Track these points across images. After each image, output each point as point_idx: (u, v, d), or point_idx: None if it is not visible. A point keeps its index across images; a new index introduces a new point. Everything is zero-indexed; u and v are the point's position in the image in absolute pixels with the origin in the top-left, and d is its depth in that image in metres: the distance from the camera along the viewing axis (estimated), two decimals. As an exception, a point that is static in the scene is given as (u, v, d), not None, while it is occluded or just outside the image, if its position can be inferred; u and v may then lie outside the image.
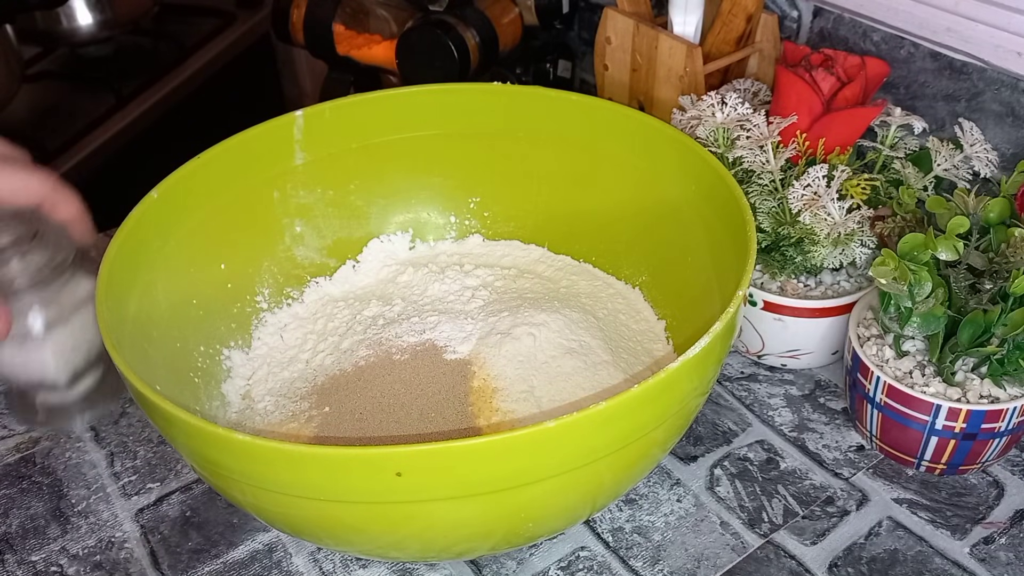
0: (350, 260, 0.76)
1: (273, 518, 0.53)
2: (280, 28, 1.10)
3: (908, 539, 0.61)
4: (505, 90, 0.73)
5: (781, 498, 0.64)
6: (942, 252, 0.58)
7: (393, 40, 1.02)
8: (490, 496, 0.49)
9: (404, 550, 0.56)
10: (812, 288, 0.69)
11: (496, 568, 0.60)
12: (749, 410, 0.70)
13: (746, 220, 0.57)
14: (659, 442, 0.54)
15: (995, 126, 0.74)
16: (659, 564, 0.60)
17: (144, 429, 0.71)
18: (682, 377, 0.50)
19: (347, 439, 0.60)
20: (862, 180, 0.65)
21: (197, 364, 0.65)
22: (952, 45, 0.75)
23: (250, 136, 0.69)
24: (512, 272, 0.74)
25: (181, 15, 1.56)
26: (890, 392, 0.61)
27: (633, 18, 0.81)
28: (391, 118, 0.74)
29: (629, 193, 0.71)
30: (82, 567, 0.62)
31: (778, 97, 0.68)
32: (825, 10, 0.82)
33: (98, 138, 1.29)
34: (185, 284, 0.66)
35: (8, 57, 1.26)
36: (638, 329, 0.69)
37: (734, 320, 0.53)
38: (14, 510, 0.65)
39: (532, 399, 0.61)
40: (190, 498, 0.66)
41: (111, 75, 1.41)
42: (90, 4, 1.38)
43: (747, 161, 0.66)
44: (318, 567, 0.61)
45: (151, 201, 0.63)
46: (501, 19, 1.00)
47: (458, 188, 0.77)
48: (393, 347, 0.66)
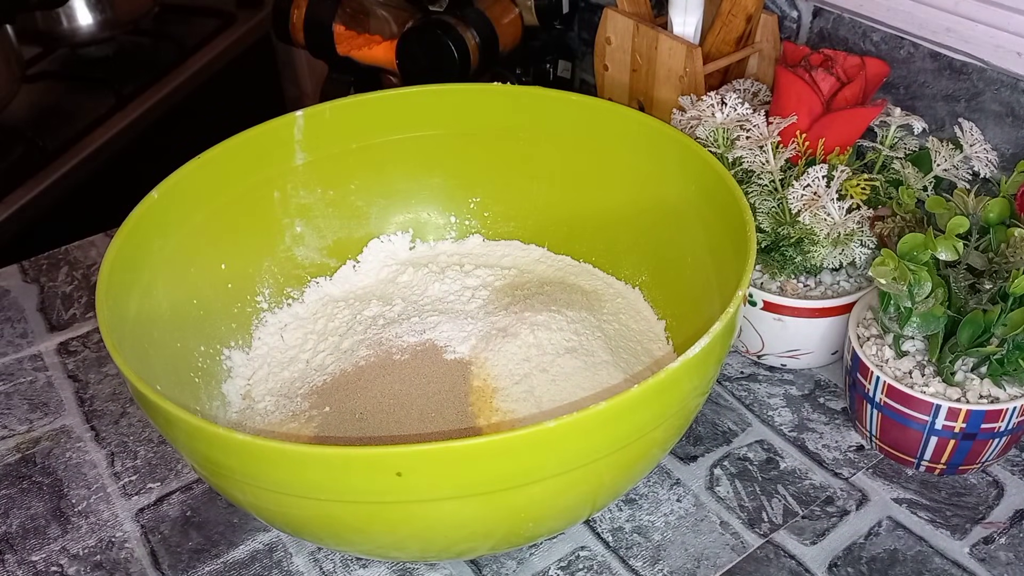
0: (350, 260, 0.76)
1: (273, 518, 0.53)
2: (280, 28, 1.10)
3: (908, 539, 0.61)
4: (505, 90, 0.73)
5: (781, 498, 0.64)
6: (942, 252, 0.58)
7: (393, 40, 1.02)
8: (490, 496, 0.49)
9: (404, 550, 0.56)
10: (812, 288, 0.70)
11: (496, 568, 0.60)
12: (749, 410, 0.70)
13: (746, 220, 0.57)
14: (659, 442, 0.54)
15: (995, 126, 0.74)
16: (659, 564, 0.60)
17: (144, 429, 0.71)
18: (682, 377, 0.50)
19: (347, 439, 0.60)
20: (862, 180, 0.65)
21: (197, 364, 0.65)
22: (952, 45, 0.75)
23: (250, 136, 0.69)
24: (512, 272, 0.74)
25: (181, 15, 1.56)
26: (890, 392, 0.61)
27: (633, 18, 0.81)
28: (391, 118, 0.74)
29: (629, 193, 0.71)
30: (82, 567, 0.62)
31: (778, 97, 0.68)
32: (825, 10, 0.82)
33: (98, 138, 1.29)
34: (185, 284, 0.66)
35: (8, 57, 1.26)
36: (638, 329, 0.69)
37: (734, 320, 0.53)
38: (14, 510, 0.65)
39: (532, 399, 0.61)
40: (190, 498, 0.66)
41: (111, 75, 1.41)
42: (90, 4, 1.38)
43: (747, 161, 0.66)
44: (318, 567, 0.61)
45: (151, 201, 0.63)
46: (501, 19, 1.00)
47: (458, 188, 0.77)
48: (393, 347, 0.66)
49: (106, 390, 0.74)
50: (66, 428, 0.71)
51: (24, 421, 0.72)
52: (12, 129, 1.30)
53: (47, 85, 1.41)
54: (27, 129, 1.30)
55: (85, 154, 1.27)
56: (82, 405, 0.73)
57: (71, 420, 0.72)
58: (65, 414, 0.72)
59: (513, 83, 0.85)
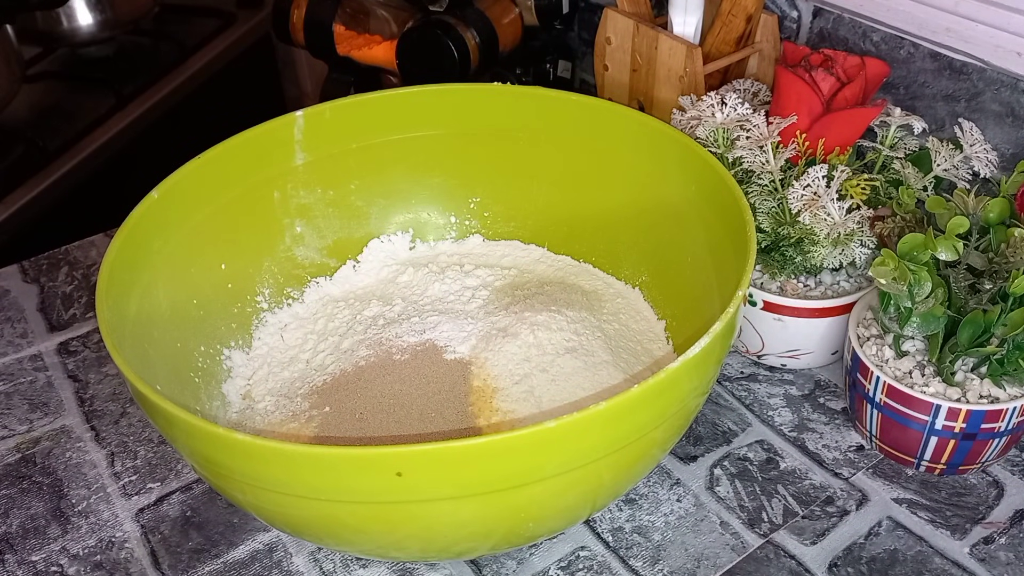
0: (350, 260, 0.76)
1: (273, 518, 0.53)
2: (280, 28, 1.10)
3: (908, 539, 0.61)
4: (505, 90, 0.73)
5: (781, 498, 0.64)
6: (942, 252, 0.58)
7: (393, 40, 1.02)
8: (490, 496, 0.49)
9: (404, 550, 0.56)
10: (812, 288, 0.70)
11: (496, 568, 0.60)
12: (749, 410, 0.70)
13: (746, 220, 0.57)
14: (659, 442, 0.54)
15: (995, 126, 0.74)
16: (659, 564, 0.60)
17: (144, 429, 0.71)
18: (682, 377, 0.50)
19: (347, 439, 0.60)
20: (862, 180, 0.65)
21: (197, 364, 0.65)
22: (952, 45, 0.75)
23: (250, 136, 0.69)
24: (512, 272, 0.74)
25: (181, 15, 1.56)
26: (890, 392, 0.61)
27: (633, 18, 0.81)
28: (391, 118, 0.74)
29: (629, 193, 0.71)
30: (82, 567, 0.62)
31: (778, 97, 0.68)
32: (825, 10, 0.82)
33: (98, 138, 1.29)
34: (185, 284, 0.66)
35: (8, 57, 1.26)
36: (638, 329, 0.69)
37: (734, 320, 0.53)
38: (14, 510, 0.65)
39: (532, 399, 0.61)
40: (190, 498, 0.66)
41: (111, 75, 1.41)
42: (90, 4, 1.38)
43: (747, 161, 0.66)
44: (318, 567, 0.61)
45: (151, 201, 0.63)
46: (501, 19, 1.00)
47: (458, 188, 0.77)
48: (393, 347, 0.66)
49: (106, 390, 0.74)
50: (66, 428, 0.71)
51: (24, 421, 0.72)
52: (12, 129, 1.29)
53: (47, 85, 1.41)
54: (27, 129, 1.30)
55: (85, 154, 1.27)
56: (82, 405, 0.73)
57: (71, 420, 0.72)
58: (65, 414, 0.72)
59: (513, 83, 0.85)
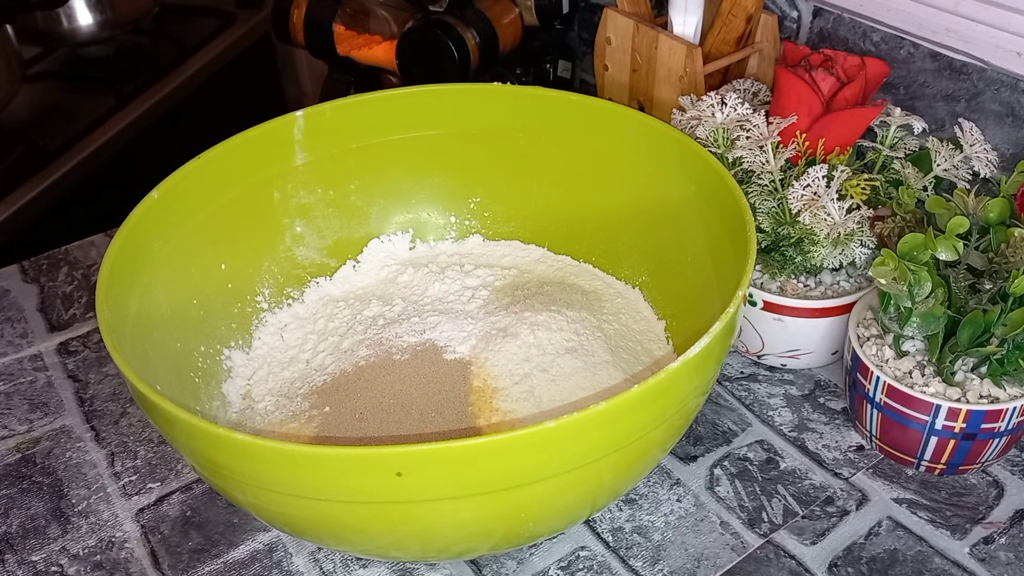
0: (350, 260, 0.76)
1: (273, 518, 0.53)
2: (280, 28, 1.10)
3: (908, 539, 0.61)
4: (505, 90, 0.73)
5: (781, 498, 0.64)
6: (942, 252, 0.58)
7: (393, 40, 1.02)
8: (490, 496, 0.49)
9: (404, 550, 0.56)
10: (812, 288, 0.70)
11: (496, 568, 0.60)
12: (749, 410, 0.70)
13: (746, 220, 0.57)
14: (659, 442, 0.54)
15: (995, 126, 0.74)
16: (659, 564, 0.60)
17: (144, 429, 0.71)
18: (682, 377, 0.50)
19: (347, 439, 0.60)
20: (862, 180, 0.65)
21: (197, 364, 0.65)
22: (952, 45, 0.75)
23: (250, 136, 0.69)
24: (512, 272, 0.74)
25: (181, 15, 1.56)
26: (890, 392, 0.61)
27: (633, 18, 0.81)
28: (391, 118, 0.74)
29: (629, 193, 0.71)
30: (82, 567, 0.62)
31: (778, 97, 0.68)
32: (825, 10, 0.82)
33: (98, 138, 1.29)
34: (185, 284, 0.66)
35: (8, 57, 1.26)
36: (638, 329, 0.69)
37: (734, 320, 0.53)
38: (14, 510, 0.65)
39: (532, 399, 0.61)
40: (190, 498, 0.66)
41: (111, 75, 1.41)
42: (90, 4, 1.38)
43: (747, 161, 0.66)
44: (318, 567, 0.61)
45: (151, 201, 0.63)
46: (501, 19, 1.00)
47: (458, 188, 0.77)
48: (393, 347, 0.66)
49: (106, 390, 0.74)
50: (66, 428, 0.71)
51: (24, 421, 0.72)
52: (12, 129, 1.29)
53: (47, 85, 1.41)
54: (27, 129, 1.30)
55: (85, 154, 1.27)
56: (82, 405, 0.73)
57: (71, 420, 0.72)
58: (65, 414, 0.72)
59: (513, 83, 0.85)
